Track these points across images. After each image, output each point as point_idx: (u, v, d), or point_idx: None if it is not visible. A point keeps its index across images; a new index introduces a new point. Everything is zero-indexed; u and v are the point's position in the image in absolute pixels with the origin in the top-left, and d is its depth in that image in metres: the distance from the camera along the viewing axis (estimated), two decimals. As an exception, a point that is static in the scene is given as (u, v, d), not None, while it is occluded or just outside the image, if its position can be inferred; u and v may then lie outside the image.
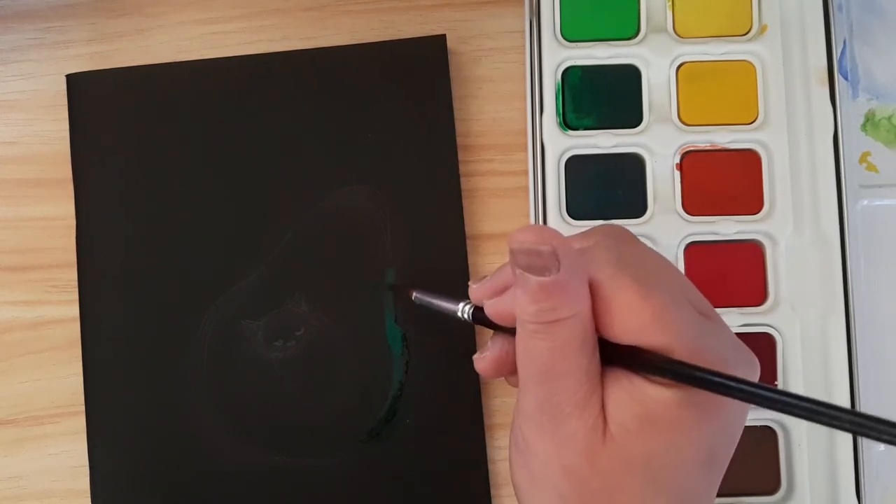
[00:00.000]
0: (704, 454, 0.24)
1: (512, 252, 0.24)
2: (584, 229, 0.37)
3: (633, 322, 0.24)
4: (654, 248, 0.37)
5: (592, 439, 0.24)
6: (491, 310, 0.27)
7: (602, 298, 0.24)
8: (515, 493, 0.27)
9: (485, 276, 0.29)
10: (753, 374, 0.26)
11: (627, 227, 0.37)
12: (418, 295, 0.34)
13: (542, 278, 0.23)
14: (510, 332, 0.26)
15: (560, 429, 0.24)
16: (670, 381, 0.23)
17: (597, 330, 0.25)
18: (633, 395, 0.24)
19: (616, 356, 0.25)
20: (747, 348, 0.26)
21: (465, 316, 0.30)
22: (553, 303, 0.24)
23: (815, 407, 0.21)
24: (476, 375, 0.37)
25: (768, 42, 0.38)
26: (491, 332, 0.29)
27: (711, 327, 0.25)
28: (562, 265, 0.23)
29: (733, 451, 0.26)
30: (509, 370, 0.28)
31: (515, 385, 0.27)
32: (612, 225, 0.28)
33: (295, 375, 0.38)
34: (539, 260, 0.23)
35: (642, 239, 0.37)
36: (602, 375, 0.25)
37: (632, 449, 0.24)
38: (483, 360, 0.28)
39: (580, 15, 0.39)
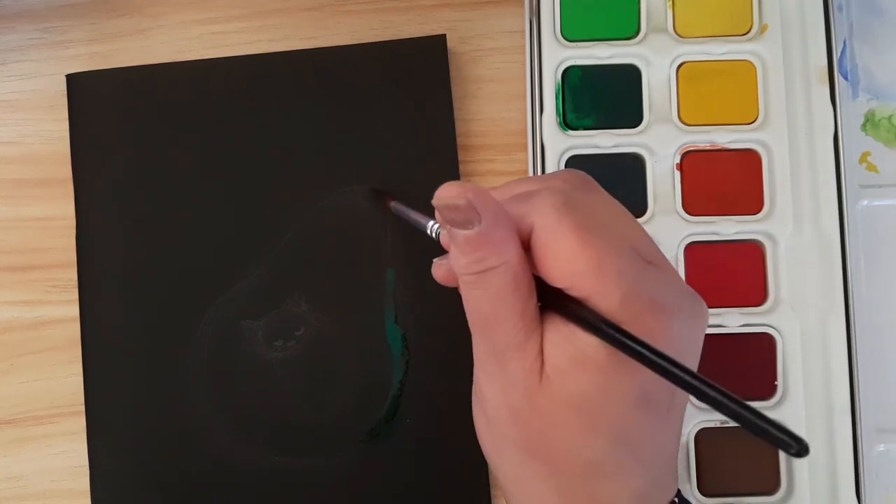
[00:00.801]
0: (636, 395, 0.25)
1: (436, 209, 0.25)
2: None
3: (568, 267, 0.24)
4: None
5: (530, 380, 0.25)
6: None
7: (541, 242, 0.25)
8: (480, 444, 0.28)
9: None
10: (696, 322, 0.26)
11: (627, 227, 0.37)
12: (395, 205, 0.35)
13: (466, 231, 0.24)
14: None
15: (503, 372, 0.25)
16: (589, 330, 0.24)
17: (537, 272, 0.25)
18: (567, 337, 0.25)
19: (549, 299, 0.25)
20: (695, 295, 0.26)
21: (434, 235, 0.31)
22: (480, 254, 0.24)
23: (704, 388, 0.22)
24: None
25: (768, 42, 0.38)
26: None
27: (654, 273, 0.25)
28: (483, 217, 0.24)
29: (680, 395, 0.26)
30: None
31: None
32: (572, 170, 0.29)
33: (295, 375, 0.38)
34: (460, 214, 0.24)
35: (642, 239, 0.38)
36: (542, 318, 0.25)
37: (566, 389, 0.25)
38: (440, 268, 0.29)
39: (580, 15, 0.39)
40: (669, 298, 0.25)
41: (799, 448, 0.20)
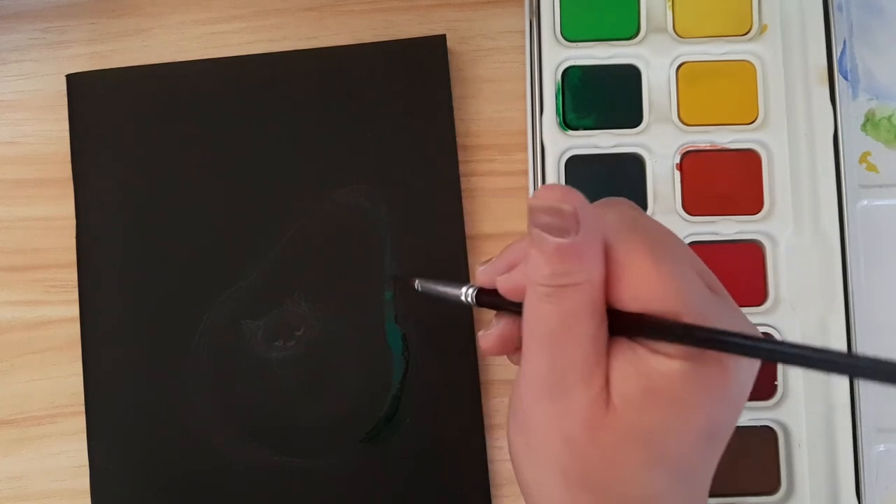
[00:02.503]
0: (706, 428, 0.24)
1: (531, 210, 0.23)
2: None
3: (644, 288, 0.23)
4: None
5: (595, 410, 0.24)
6: (504, 285, 0.26)
7: (614, 263, 0.24)
8: (512, 463, 0.26)
9: (489, 259, 0.28)
10: None
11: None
12: (421, 283, 0.34)
13: (559, 240, 0.23)
14: (515, 311, 0.26)
15: (562, 398, 0.24)
16: (675, 350, 0.23)
17: (607, 297, 0.24)
18: (638, 367, 0.24)
19: (623, 325, 0.24)
20: (754, 326, 0.26)
21: (469, 300, 0.29)
22: (568, 266, 0.23)
23: (813, 354, 0.21)
24: (476, 375, 0.37)
25: (768, 42, 0.38)
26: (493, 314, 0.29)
27: (718, 300, 0.25)
28: (582, 227, 0.23)
29: (734, 426, 0.26)
30: (512, 348, 0.28)
31: (518, 363, 0.27)
32: (621, 198, 0.28)
33: (295, 375, 0.38)
34: (559, 220, 0.23)
35: (642, 239, 0.38)
36: (608, 346, 0.24)
37: (634, 421, 0.24)
38: (488, 338, 0.28)
39: (580, 15, 0.39)
40: (737, 326, 0.24)
41: None
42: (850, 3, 0.40)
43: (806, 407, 0.37)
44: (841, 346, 0.37)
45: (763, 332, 0.37)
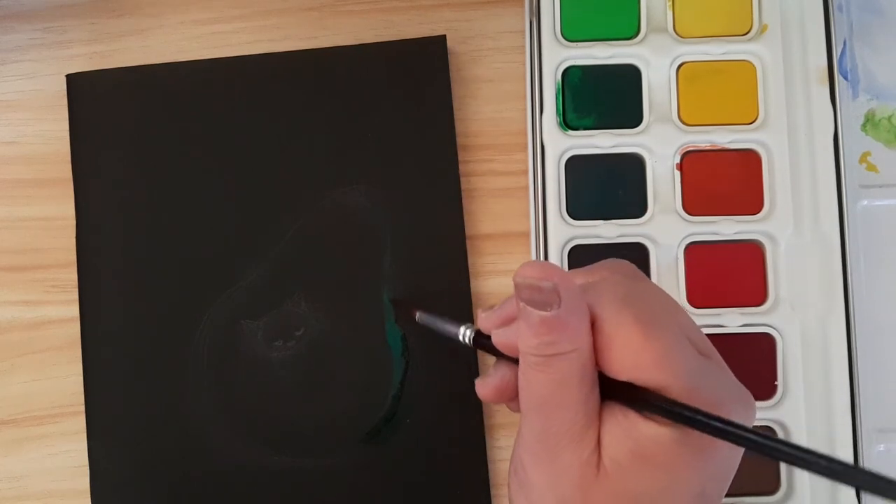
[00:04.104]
0: (696, 493, 0.25)
1: (516, 286, 0.24)
2: (583, 229, 0.37)
3: (633, 360, 0.24)
4: (655, 248, 0.37)
5: (586, 473, 0.25)
6: (498, 339, 0.28)
7: (604, 334, 0.25)
8: None
9: (493, 306, 0.29)
10: (749, 414, 0.26)
11: (627, 227, 0.37)
12: (422, 315, 0.35)
13: (543, 313, 0.24)
14: (513, 360, 0.27)
15: (555, 460, 0.25)
16: (664, 419, 0.24)
17: (597, 364, 0.25)
18: (629, 431, 0.24)
19: (613, 391, 0.25)
20: (744, 388, 0.26)
21: (466, 340, 0.31)
22: (553, 337, 0.24)
23: (801, 454, 0.22)
24: (476, 376, 0.37)
25: (768, 42, 0.38)
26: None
27: (710, 367, 0.26)
28: (563, 301, 0.24)
29: (726, 489, 0.26)
30: (510, 396, 0.28)
31: (516, 410, 0.28)
32: (618, 260, 0.29)
33: (295, 375, 0.38)
34: (541, 295, 0.24)
35: (642, 239, 0.38)
36: (600, 410, 0.25)
37: (624, 485, 0.24)
38: (485, 386, 0.29)
39: (580, 15, 0.39)
40: (726, 394, 0.25)
41: None
42: (850, 3, 0.40)
43: (806, 407, 0.37)
44: (841, 346, 0.37)
45: (763, 333, 0.37)
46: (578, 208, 0.38)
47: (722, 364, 0.27)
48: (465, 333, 0.31)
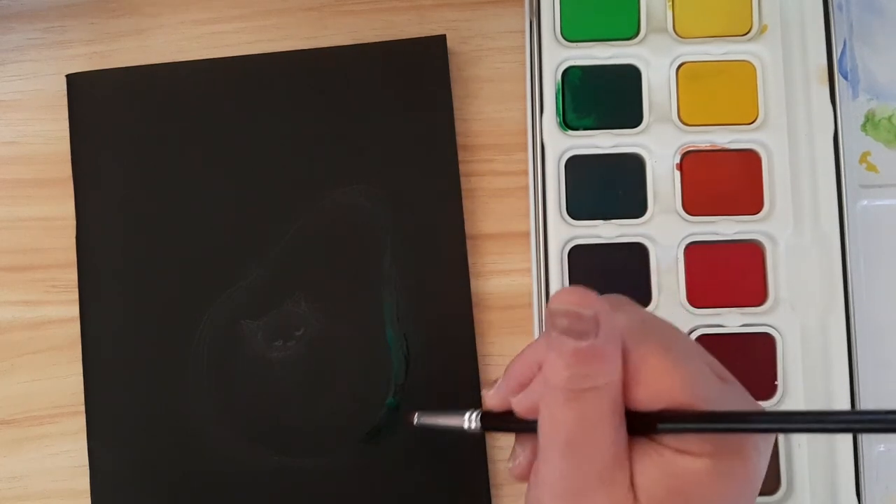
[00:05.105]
0: None
1: (552, 314, 0.23)
2: (583, 229, 0.37)
3: (664, 387, 0.23)
4: (655, 248, 0.37)
5: None
6: (520, 407, 0.26)
7: (630, 365, 0.24)
8: None
9: (495, 380, 0.28)
10: (769, 434, 0.26)
11: (627, 227, 0.37)
12: (419, 416, 0.33)
13: (579, 343, 0.23)
14: (524, 429, 0.26)
15: (585, 502, 0.24)
16: (699, 448, 0.23)
17: (624, 398, 0.24)
18: (664, 467, 0.24)
19: (644, 425, 0.24)
20: (759, 406, 0.27)
21: (473, 425, 0.29)
22: (589, 369, 0.23)
23: (818, 418, 0.22)
24: (477, 375, 0.37)
25: (768, 42, 0.38)
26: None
27: (732, 391, 0.26)
28: (602, 330, 0.23)
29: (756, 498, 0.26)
30: None
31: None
32: (622, 297, 0.28)
33: (295, 375, 0.38)
34: (580, 324, 0.23)
35: (642, 239, 0.38)
36: (630, 447, 0.24)
37: None
38: (520, 468, 0.27)
39: (580, 15, 0.39)
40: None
41: None
42: (850, 3, 0.40)
43: (805, 406, 0.37)
44: (841, 346, 0.37)
45: (763, 332, 0.37)
46: (578, 208, 0.38)
47: (739, 386, 0.26)
48: (470, 419, 0.29)
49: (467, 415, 0.29)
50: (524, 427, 0.26)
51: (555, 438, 0.24)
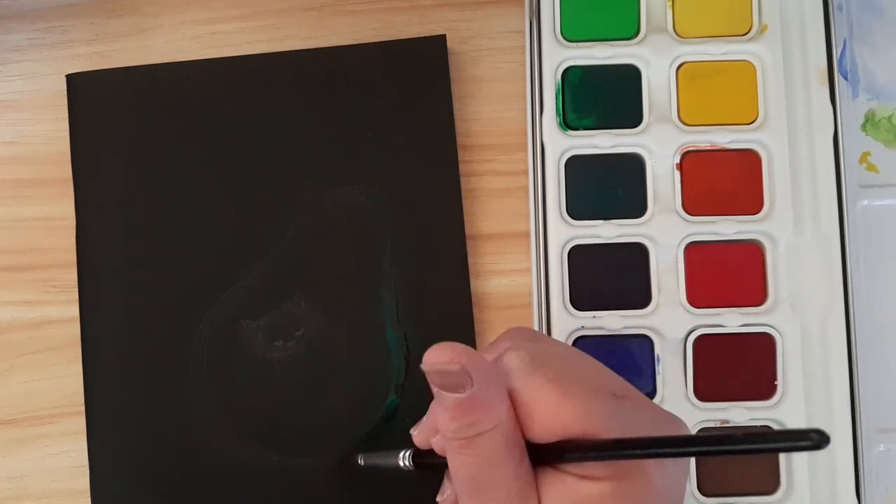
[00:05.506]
0: None
1: (425, 373, 0.24)
2: (583, 229, 0.37)
3: (556, 420, 0.24)
4: (655, 248, 0.37)
5: None
6: (437, 446, 0.28)
7: (521, 403, 0.25)
8: None
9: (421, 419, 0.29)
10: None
11: (627, 227, 0.37)
12: (362, 457, 0.35)
13: (457, 395, 0.24)
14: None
15: None
16: (600, 472, 0.24)
17: (522, 433, 0.25)
18: (568, 494, 0.24)
19: (545, 455, 0.25)
20: (670, 415, 0.27)
21: (406, 463, 0.30)
22: (472, 418, 0.24)
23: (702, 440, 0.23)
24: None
25: (768, 42, 0.38)
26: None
27: (631, 408, 0.26)
28: (475, 380, 0.23)
29: None
30: None
31: None
32: (516, 327, 0.29)
33: (295, 375, 0.38)
34: (451, 378, 0.23)
35: (642, 239, 0.38)
36: (536, 478, 0.25)
37: None
38: (447, 501, 0.29)
39: (580, 15, 0.39)
40: (651, 429, 0.26)
41: (819, 439, 0.20)
42: (850, 3, 0.40)
43: (806, 407, 0.37)
44: (841, 346, 0.37)
45: (763, 333, 0.37)
46: (578, 208, 0.38)
47: (642, 401, 0.27)
48: (404, 457, 0.30)
49: (401, 454, 0.31)
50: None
51: (461, 483, 0.25)
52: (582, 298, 0.37)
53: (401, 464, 0.31)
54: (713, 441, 0.23)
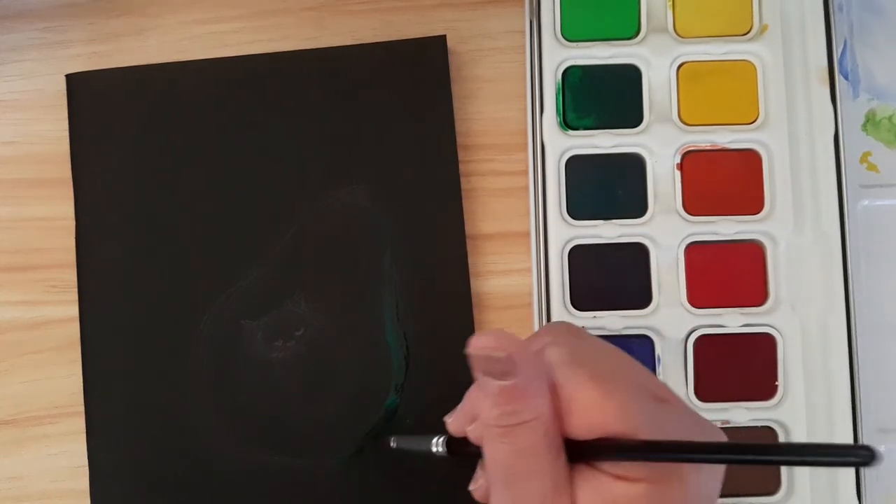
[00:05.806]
0: None
1: (470, 358, 0.24)
2: (584, 229, 0.37)
3: (596, 419, 0.24)
4: (655, 248, 0.37)
5: None
6: (473, 435, 0.28)
7: (562, 399, 0.25)
8: None
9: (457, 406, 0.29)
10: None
11: (627, 227, 0.37)
12: (395, 440, 0.35)
13: (502, 382, 0.24)
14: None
15: None
16: (637, 473, 0.24)
17: (561, 428, 0.25)
18: (603, 493, 0.24)
19: (582, 453, 0.25)
20: (710, 424, 0.27)
21: (439, 449, 0.30)
22: (514, 406, 0.24)
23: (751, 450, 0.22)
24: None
25: (769, 42, 0.38)
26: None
27: (671, 411, 0.26)
28: (520, 369, 0.24)
29: None
30: None
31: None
32: (559, 322, 0.29)
33: (295, 375, 0.38)
34: (497, 365, 0.24)
35: (642, 239, 0.38)
36: (571, 474, 0.25)
37: None
38: (480, 490, 0.28)
39: (580, 15, 0.39)
40: (689, 433, 0.25)
41: (868, 456, 0.20)
42: (850, 3, 0.40)
43: (806, 407, 0.37)
44: (841, 346, 0.37)
45: (763, 332, 0.37)
46: (578, 208, 0.38)
47: (682, 405, 0.27)
48: (437, 443, 0.30)
49: (435, 440, 0.30)
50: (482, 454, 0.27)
51: (496, 471, 0.25)
52: (582, 299, 0.37)
53: (434, 450, 0.30)
54: (758, 450, 0.23)
